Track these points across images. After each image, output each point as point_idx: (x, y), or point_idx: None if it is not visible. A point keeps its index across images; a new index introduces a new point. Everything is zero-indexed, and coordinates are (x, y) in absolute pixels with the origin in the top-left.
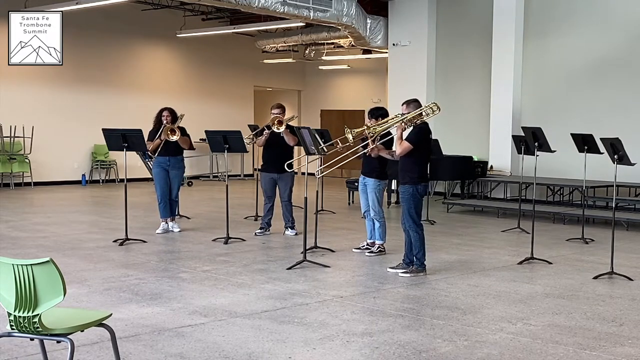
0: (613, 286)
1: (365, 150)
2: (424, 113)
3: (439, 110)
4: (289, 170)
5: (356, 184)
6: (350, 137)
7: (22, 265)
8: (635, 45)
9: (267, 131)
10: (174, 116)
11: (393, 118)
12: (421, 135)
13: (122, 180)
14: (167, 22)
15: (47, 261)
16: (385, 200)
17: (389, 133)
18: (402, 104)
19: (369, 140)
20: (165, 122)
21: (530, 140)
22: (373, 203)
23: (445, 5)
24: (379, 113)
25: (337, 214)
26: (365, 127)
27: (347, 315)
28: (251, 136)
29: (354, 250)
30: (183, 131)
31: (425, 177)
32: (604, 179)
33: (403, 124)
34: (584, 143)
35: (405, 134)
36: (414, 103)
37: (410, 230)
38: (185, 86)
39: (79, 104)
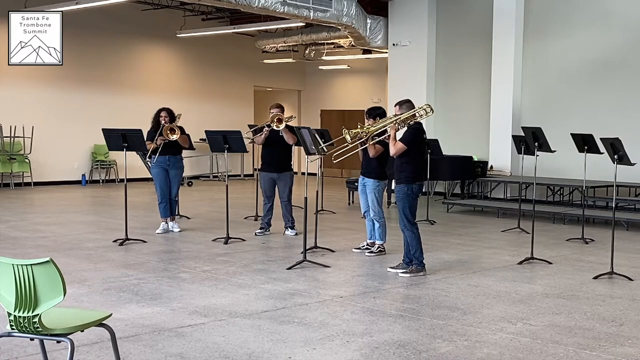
0: (613, 286)
1: (364, 147)
2: (417, 114)
3: (432, 112)
4: (288, 170)
5: (356, 184)
6: (348, 137)
7: (22, 265)
8: (635, 45)
9: (266, 129)
10: (171, 116)
11: (389, 118)
12: (415, 136)
13: (122, 180)
14: (167, 22)
15: (47, 261)
16: (386, 201)
17: (387, 131)
18: (395, 105)
19: (364, 139)
20: (163, 122)
21: (530, 140)
22: (372, 203)
23: (445, 5)
24: (376, 113)
25: (337, 214)
26: (359, 128)
27: (347, 315)
28: (250, 133)
29: (354, 250)
30: (182, 130)
31: (420, 177)
32: (604, 179)
33: (396, 124)
34: (584, 143)
35: (399, 134)
36: (406, 104)
37: (405, 230)
38: (185, 86)
39: (79, 104)
